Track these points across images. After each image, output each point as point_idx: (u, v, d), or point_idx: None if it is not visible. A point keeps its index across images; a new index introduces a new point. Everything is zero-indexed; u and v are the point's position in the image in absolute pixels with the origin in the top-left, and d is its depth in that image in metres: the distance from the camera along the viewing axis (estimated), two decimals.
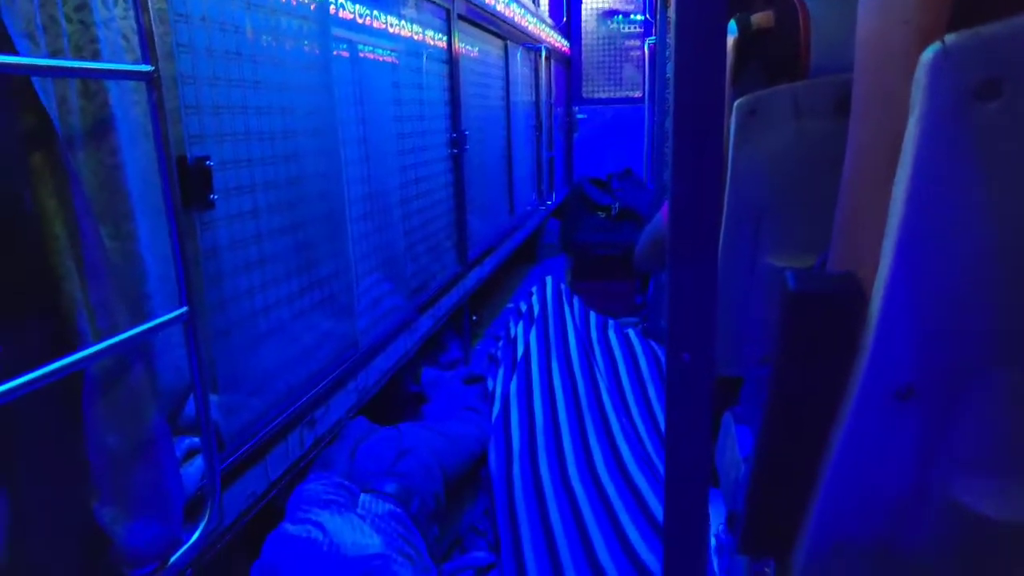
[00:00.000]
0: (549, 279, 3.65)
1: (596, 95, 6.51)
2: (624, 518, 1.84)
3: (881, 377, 0.59)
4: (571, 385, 2.65)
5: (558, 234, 5.75)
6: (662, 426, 2.48)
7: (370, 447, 1.91)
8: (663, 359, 3.17)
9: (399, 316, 2.53)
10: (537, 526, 1.89)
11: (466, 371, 3.04)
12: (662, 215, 1.95)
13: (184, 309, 1.20)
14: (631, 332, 3.33)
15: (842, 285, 0.57)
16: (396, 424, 2.13)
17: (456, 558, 1.94)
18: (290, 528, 1.39)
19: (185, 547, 1.23)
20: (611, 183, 5.18)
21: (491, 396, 2.70)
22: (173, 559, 1.20)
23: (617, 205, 4.79)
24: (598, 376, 2.74)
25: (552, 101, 5.69)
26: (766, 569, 1.00)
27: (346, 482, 1.66)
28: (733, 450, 1.38)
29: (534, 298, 3.45)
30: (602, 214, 4.82)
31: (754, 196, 1.54)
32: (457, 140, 3.22)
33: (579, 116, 6.62)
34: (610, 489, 2.01)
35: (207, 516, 1.29)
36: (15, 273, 1.01)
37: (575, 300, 3.55)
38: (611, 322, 3.45)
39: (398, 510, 1.67)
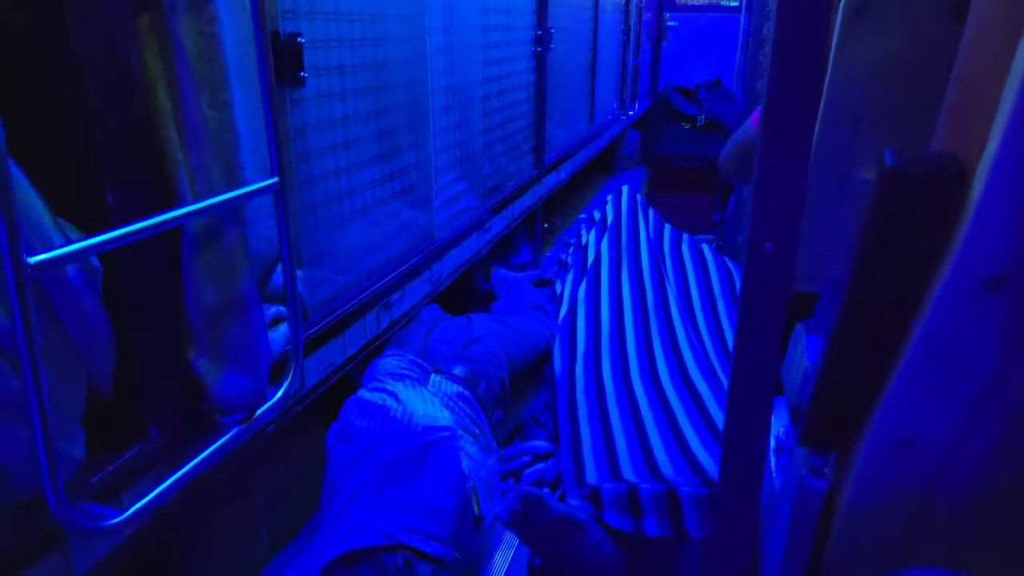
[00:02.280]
0: (625, 188, 3.60)
1: (689, 1, 6.18)
2: (683, 421, 1.87)
3: (972, 266, 0.58)
4: (639, 293, 2.65)
5: (637, 147, 5.61)
6: (730, 342, 2.47)
7: (442, 332, 1.98)
8: (737, 276, 3.12)
9: (474, 214, 2.56)
10: (596, 422, 1.94)
11: (535, 274, 3.08)
12: (752, 121, 1.88)
13: (275, 179, 1.25)
14: (705, 247, 3.28)
15: (944, 166, 0.55)
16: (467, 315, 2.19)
17: (517, 444, 2.03)
18: (366, 394, 1.48)
19: (269, 403, 1.33)
20: (699, 93, 4.97)
21: (559, 299, 2.73)
22: (258, 412, 1.30)
23: (703, 116, 4.60)
24: (667, 287, 2.73)
25: (642, 6, 5.44)
26: (825, 469, 1.01)
27: (419, 360, 1.74)
28: (801, 358, 1.38)
29: (608, 206, 3.42)
30: (687, 125, 4.65)
31: (853, 102, 1.46)
32: (542, 38, 3.14)
33: (669, 23, 6.33)
34: (671, 394, 2.03)
35: (290, 378, 1.38)
36: (126, 135, 1.06)
37: (650, 212, 3.50)
38: (685, 236, 3.40)
39: (466, 392, 1.75)
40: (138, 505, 1.03)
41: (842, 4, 1.41)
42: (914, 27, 1.35)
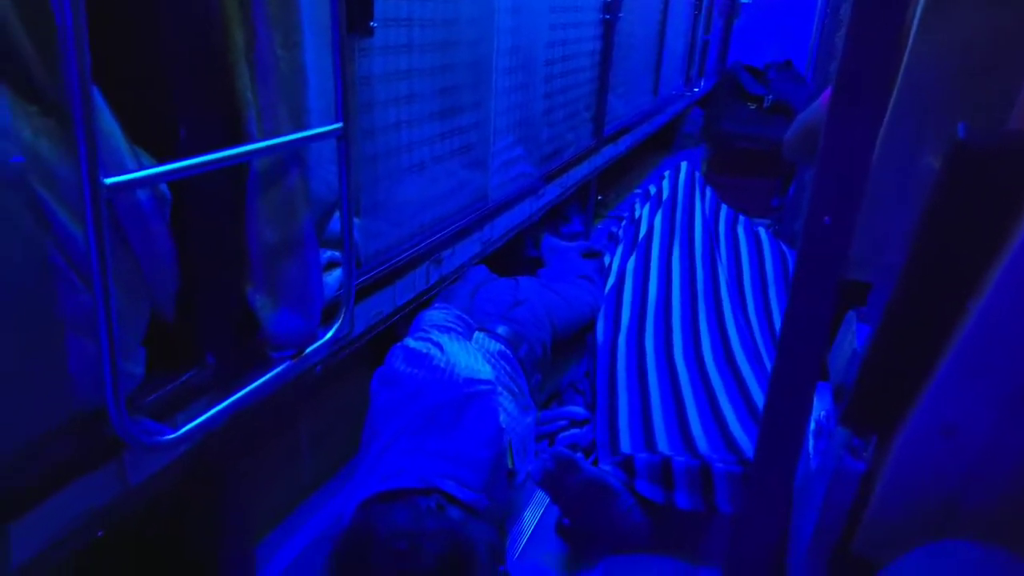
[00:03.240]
0: (684, 164, 3.54)
1: None
2: (723, 399, 1.86)
3: None
4: (689, 271, 2.63)
5: (700, 125, 5.49)
6: (778, 327, 2.44)
7: (488, 292, 2.00)
8: (791, 261, 3.06)
9: (528, 179, 2.56)
10: (635, 392, 1.95)
11: (585, 245, 3.07)
12: (822, 101, 1.84)
13: (340, 124, 1.27)
14: (761, 231, 3.22)
15: (1018, 144, 0.54)
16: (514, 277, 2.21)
17: (553, 408, 2.05)
18: (411, 342, 1.51)
19: (319, 343, 1.37)
20: (768, 73, 4.83)
21: (606, 270, 2.72)
22: (308, 350, 1.34)
23: (771, 97, 4.48)
24: (719, 267, 2.70)
25: None
26: (864, 453, 1.01)
27: (465, 315, 1.76)
28: (851, 344, 1.36)
29: (665, 182, 3.38)
30: (752, 105, 4.53)
31: (928, 86, 1.42)
32: (611, 6, 3.09)
33: (744, 0, 6.15)
34: (713, 373, 2.03)
35: (339, 321, 1.42)
36: (200, 70, 1.09)
37: (708, 190, 3.45)
38: (742, 218, 3.34)
39: (507, 351, 1.77)
40: (191, 425, 1.08)
41: None
42: (997, 10, 1.30)
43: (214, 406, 1.14)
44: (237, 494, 1.34)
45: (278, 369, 1.27)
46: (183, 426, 1.08)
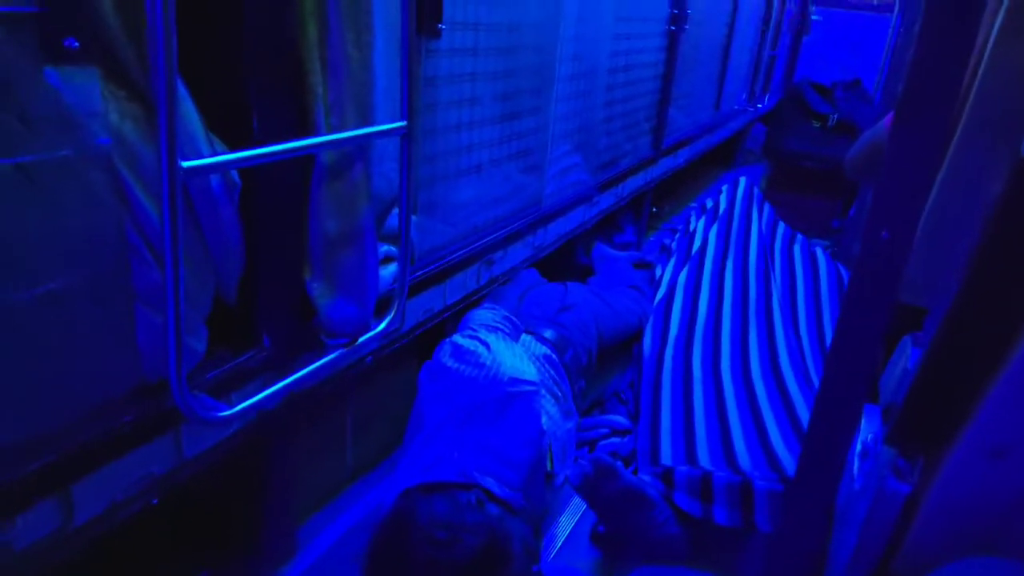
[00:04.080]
0: (743, 179, 3.51)
1: None
2: (768, 417, 1.84)
3: None
4: (742, 287, 2.60)
5: (761, 142, 5.42)
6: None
7: (537, 295, 2.02)
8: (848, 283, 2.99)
9: (583, 186, 2.58)
10: (679, 405, 1.94)
11: (637, 256, 3.06)
12: (887, 120, 1.80)
13: (404, 123, 1.31)
14: (819, 251, 3.16)
15: None
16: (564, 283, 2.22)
17: (596, 416, 2.05)
18: (459, 339, 1.54)
19: (371, 333, 1.41)
20: (835, 91, 4.73)
21: (657, 282, 2.71)
22: (361, 339, 1.38)
23: (836, 116, 4.39)
24: (772, 286, 2.66)
25: None
26: (909, 475, 0.99)
27: (513, 317, 1.78)
28: (904, 369, 1.33)
29: (723, 196, 3.35)
30: (817, 124, 4.44)
31: (997, 114, 1.38)
32: (677, 17, 3.09)
33: (814, 17, 6.04)
34: (760, 390, 2.00)
35: (392, 314, 1.45)
36: (275, 63, 1.14)
37: (766, 207, 3.40)
38: (799, 237, 3.29)
39: (553, 355, 1.78)
40: (245, 404, 1.13)
41: (1006, 2, 1.33)
42: None
43: (268, 387, 1.19)
44: (283, 475, 1.39)
45: (331, 356, 1.31)
46: (238, 404, 1.13)
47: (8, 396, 0.88)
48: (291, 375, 1.22)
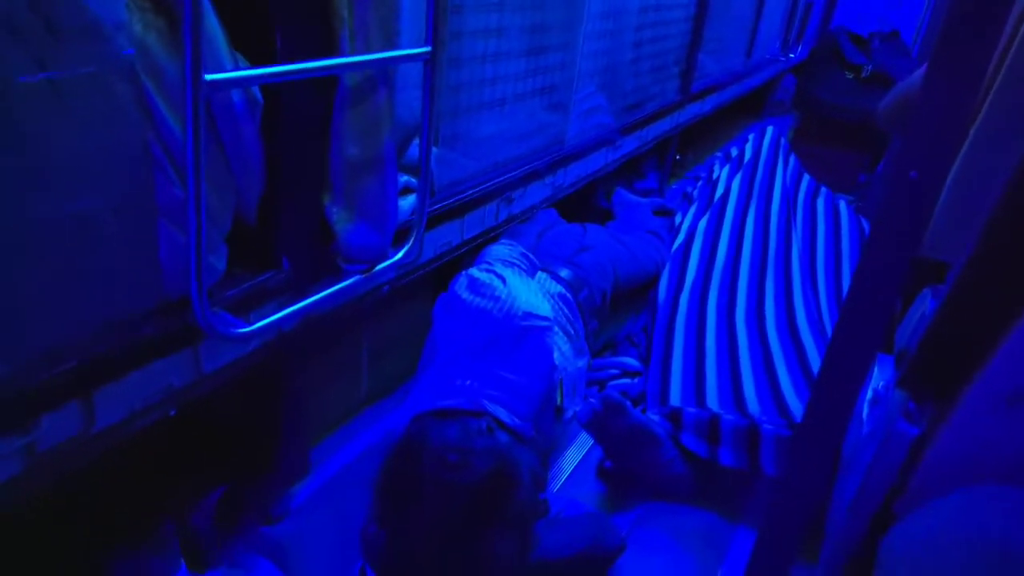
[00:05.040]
0: (770, 128, 3.43)
1: None
2: (780, 365, 1.84)
3: None
4: (762, 237, 2.58)
5: (792, 93, 5.28)
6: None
7: (555, 235, 2.01)
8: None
9: (607, 128, 2.54)
10: (691, 350, 1.95)
11: (658, 202, 3.03)
12: (923, 71, 1.75)
13: (428, 48, 1.28)
14: (843, 205, 3.11)
15: None
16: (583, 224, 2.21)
17: (607, 357, 2.07)
18: (476, 272, 1.54)
19: (389, 262, 1.41)
20: (871, 42, 4.58)
21: (676, 229, 2.69)
22: (378, 267, 1.39)
23: (870, 67, 4.25)
24: (793, 236, 2.64)
25: None
26: (919, 418, 0.99)
27: (530, 254, 1.79)
28: (922, 315, 1.32)
29: (748, 144, 3.29)
30: (850, 74, 4.31)
31: None
32: None
33: None
34: (773, 338, 2.00)
35: (410, 244, 1.45)
36: None
37: (791, 158, 3.34)
38: (824, 190, 3.23)
39: (568, 294, 1.79)
40: (263, 322, 1.14)
41: None
42: None
43: (286, 308, 1.20)
44: (298, 396, 1.42)
45: (348, 281, 1.32)
46: (256, 323, 1.15)
47: (35, 305, 0.90)
48: (309, 297, 1.24)
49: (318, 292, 1.26)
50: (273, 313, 1.19)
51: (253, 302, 1.21)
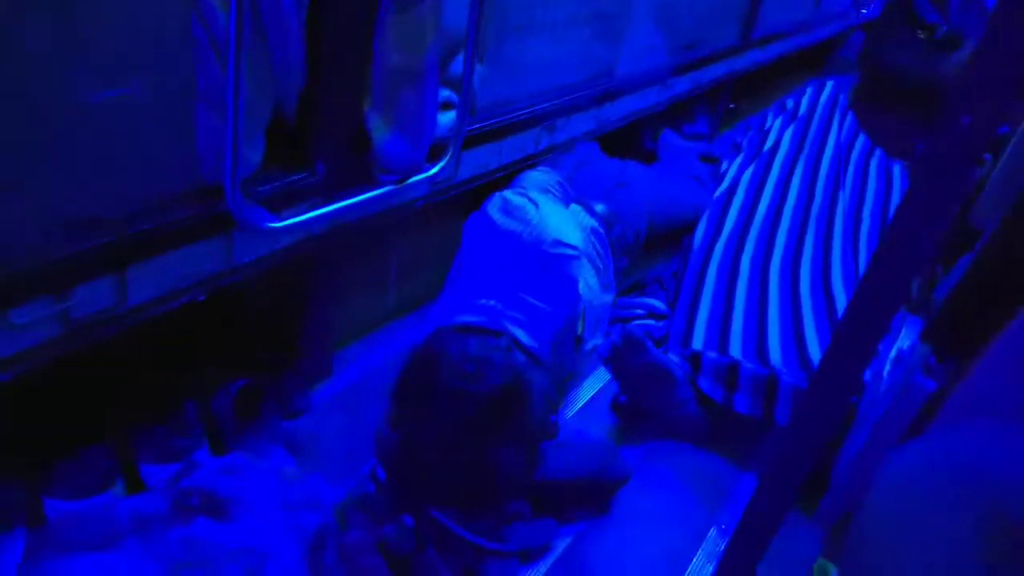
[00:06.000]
0: (830, 83, 3.31)
1: None
2: (808, 322, 1.82)
3: None
4: (808, 192, 2.51)
5: (858, 50, 5.05)
6: None
7: (594, 168, 1.99)
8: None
9: (660, 65, 2.47)
10: (720, 297, 1.93)
11: (705, 148, 2.96)
12: None
13: None
14: (897, 169, 3.01)
15: None
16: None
17: (634, 296, 2.06)
18: (509, 194, 1.54)
19: (422, 176, 1.41)
20: (950, 1, 4.34)
21: (720, 176, 2.64)
22: (411, 180, 1.39)
23: (944, 28, 4.04)
24: (840, 195, 2.57)
25: None
26: (938, 373, 0.98)
27: (567, 184, 1.77)
28: (951, 277, 1.29)
29: (805, 97, 3.18)
30: (922, 34, 4.10)
31: None
32: None
33: None
34: (805, 294, 1.97)
35: (445, 161, 1.45)
36: None
37: (848, 116, 3.22)
38: (879, 152, 3.12)
39: (600, 229, 1.78)
40: (295, 219, 1.16)
41: None
42: None
43: (317, 209, 1.22)
44: (325, 300, 1.45)
45: (380, 190, 1.32)
46: (288, 219, 1.16)
47: (72, 179, 0.92)
48: (341, 201, 1.25)
49: (350, 198, 1.27)
50: (305, 213, 1.21)
51: (285, 200, 1.23)
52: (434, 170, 1.43)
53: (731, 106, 3.54)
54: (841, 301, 1.97)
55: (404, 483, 1.22)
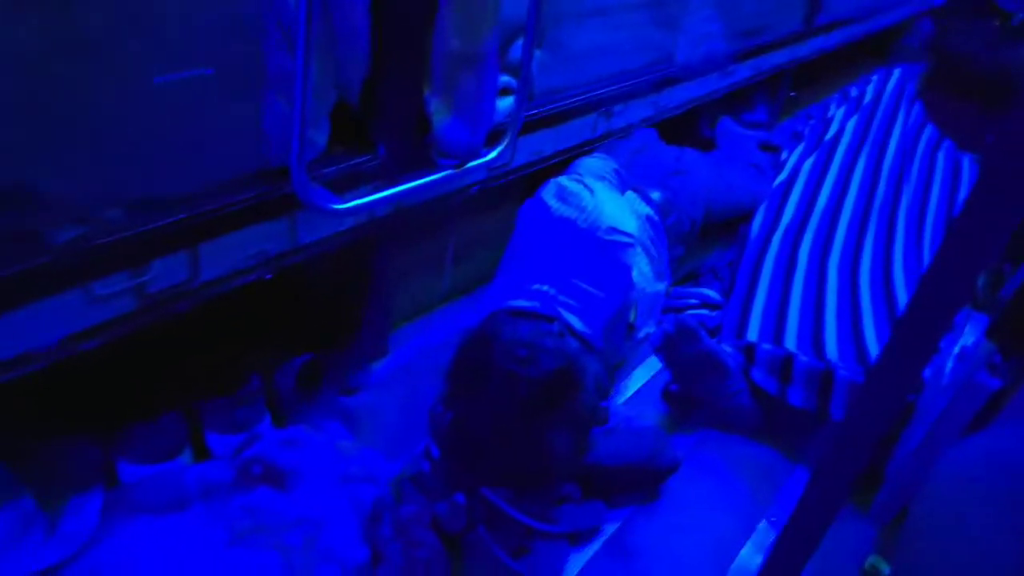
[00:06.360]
0: (897, 71, 3.21)
1: None
2: (867, 316, 1.79)
3: None
4: (870, 184, 2.45)
5: (924, 37, 4.86)
6: None
7: (651, 155, 1.98)
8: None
9: (720, 52, 2.43)
10: (777, 289, 1.90)
11: (764, 136, 2.91)
12: None
13: None
14: (966, 161, 2.91)
15: None
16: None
17: (688, 286, 2.05)
18: (564, 180, 1.55)
19: (481, 160, 1.43)
20: None
21: (780, 165, 2.59)
22: (469, 164, 1.41)
23: (1022, 15, 3.86)
24: (904, 188, 2.49)
25: None
26: (1002, 372, 0.95)
27: (623, 171, 1.77)
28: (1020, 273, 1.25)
29: (870, 86, 3.09)
30: (997, 21, 3.93)
31: None
32: None
33: None
34: (864, 288, 1.93)
35: (503, 146, 1.46)
36: None
37: (916, 105, 3.12)
38: (946, 143, 3.02)
39: (655, 217, 1.77)
40: (358, 201, 1.19)
41: None
42: None
43: (380, 191, 1.25)
44: (385, 280, 1.48)
45: (440, 174, 1.35)
46: (350, 201, 1.20)
47: (147, 160, 0.97)
48: (402, 184, 1.27)
49: (411, 181, 1.29)
50: (367, 195, 1.24)
51: (348, 183, 1.26)
52: (492, 155, 1.45)
53: (792, 94, 3.46)
54: (902, 296, 1.92)
55: (457, 462, 1.25)
